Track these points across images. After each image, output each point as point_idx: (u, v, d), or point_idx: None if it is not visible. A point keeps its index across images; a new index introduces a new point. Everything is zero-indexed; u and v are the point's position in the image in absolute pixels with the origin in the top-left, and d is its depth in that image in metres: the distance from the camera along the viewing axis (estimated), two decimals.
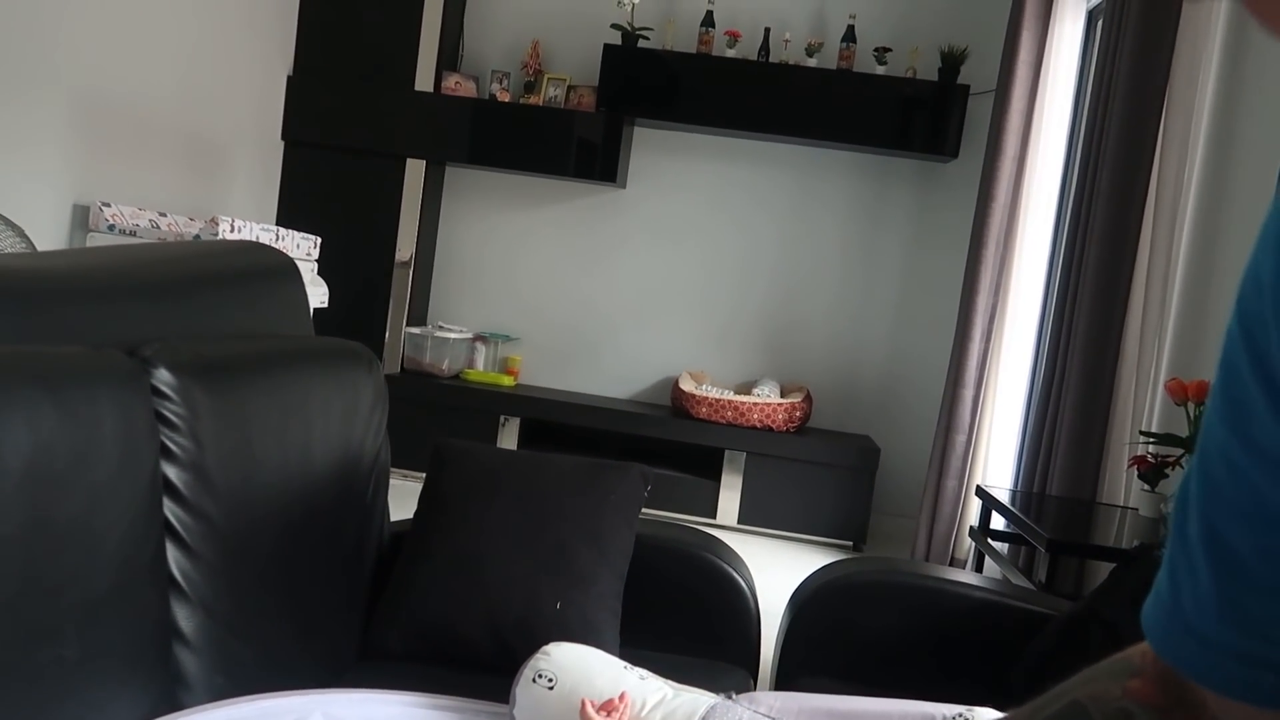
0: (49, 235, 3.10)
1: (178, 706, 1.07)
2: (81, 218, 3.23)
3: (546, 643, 1.26)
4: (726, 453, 4.13)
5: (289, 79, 4.39)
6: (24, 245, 2.55)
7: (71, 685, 0.91)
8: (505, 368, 4.63)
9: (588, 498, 1.59)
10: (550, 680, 1.16)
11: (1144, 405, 2.73)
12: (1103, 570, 2.45)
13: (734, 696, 1.21)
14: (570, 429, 4.37)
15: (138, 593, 1.01)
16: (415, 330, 4.46)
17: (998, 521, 2.75)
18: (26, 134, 2.98)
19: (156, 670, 1.05)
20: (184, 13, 3.64)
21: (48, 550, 0.89)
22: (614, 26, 4.32)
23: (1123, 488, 2.76)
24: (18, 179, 2.97)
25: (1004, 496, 2.72)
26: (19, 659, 0.86)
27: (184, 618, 1.10)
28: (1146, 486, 2.39)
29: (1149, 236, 2.76)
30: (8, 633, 0.85)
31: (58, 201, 3.16)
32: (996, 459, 3.65)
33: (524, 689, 1.16)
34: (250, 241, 1.61)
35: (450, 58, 4.51)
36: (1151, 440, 2.42)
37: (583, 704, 1.08)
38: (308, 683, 1.30)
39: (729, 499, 4.14)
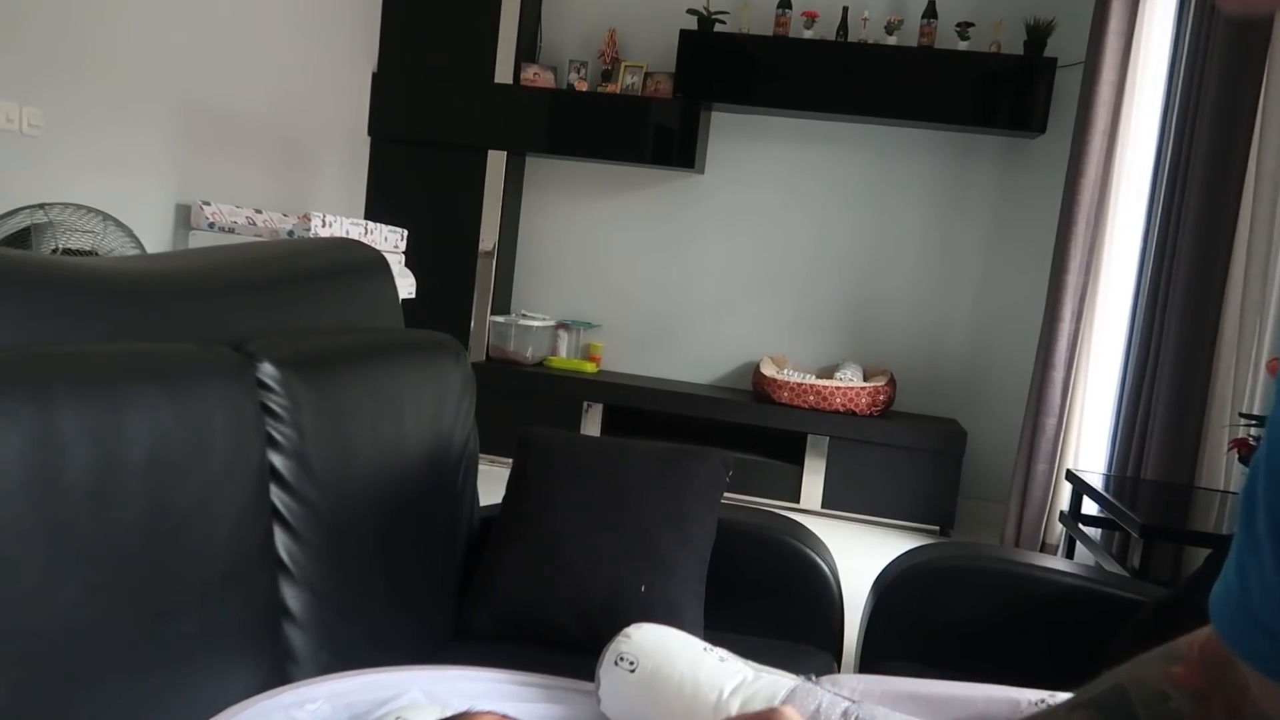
0: (155, 234, 3.26)
1: (288, 680, 1.14)
2: (184, 216, 3.39)
3: (631, 625, 1.29)
4: (809, 437, 4.12)
5: (374, 76, 4.51)
6: (134, 246, 2.70)
7: (193, 659, 0.99)
8: (587, 354, 4.69)
9: (669, 483, 1.61)
10: (631, 663, 1.19)
11: (1244, 386, 2.63)
12: (1200, 556, 2.38)
13: (815, 679, 1.23)
14: (652, 415, 4.41)
15: (249, 574, 1.08)
16: (499, 319, 4.55)
17: (1090, 506, 2.69)
18: (134, 140, 3.14)
19: (268, 646, 1.12)
20: (273, 18, 3.77)
21: (168, 536, 0.96)
22: (690, 12, 4.32)
23: (1222, 471, 2.66)
24: (126, 182, 3.14)
25: (1096, 481, 2.66)
26: (147, 635, 0.93)
27: (292, 597, 1.16)
28: (1247, 470, 2.31)
29: (1249, 209, 2.65)
30: (136, 611, 0.92)
31: (162, 202, 3.32)
32: (1088, 442, 3.55)
33: (607, 671, 1.20)
34: (343, 239, 1.68)
35: (528, 49, 4.57)
36: (1253, 422, 2.33)
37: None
38: (406, 659, 1.36)
39: (812, 483, 4.13)
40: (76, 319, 1.02)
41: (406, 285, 3.69)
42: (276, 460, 1.16)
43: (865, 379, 4.28)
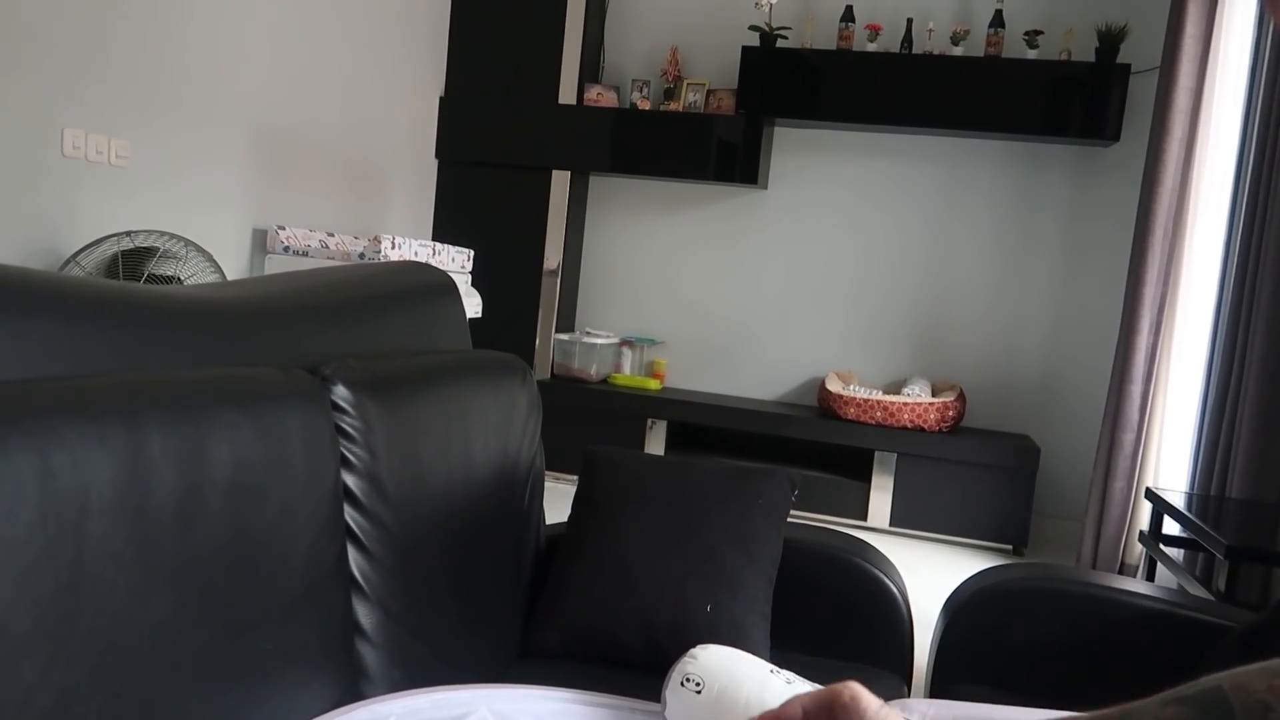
0: (233, 258, 3.38)
1: (360, 696, 1.17)
2: (260, 241, 3.51)
3: (696, 645, 1.29)
4: (876, 454, 4.06)
5: (441, 100, 4.61)
6: (214, 270, 2.80)
7: (272, 674, 1.02)
8: (651, 371, 4.71)
9: (735, 503, 1.61)
10: (698, 684, 1.19)
11: None
12: None
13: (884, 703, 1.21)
14: (717, 431, 4.40)
15: (324, 593, 1.11)
16: (564, 336, 4.59)
17: (1171, 526, 2.61)
18: (214, 169, 3.27)
19: (342, 663, 1.14)
20: (344, 45, 3.89)
21: (248, 555, 0.99)
22: (752, 28, 4.33)
23: None
24: (207, 209, 3.26)
25: (1178, 499, 2.57)
26: (228, 651, 0.96)
27: (364, 615, 1.19)
28: None
29: None
30: (219, 628, 0.95)
31: (239, 227, 3.44)
32: (1169, 459, 3.44)
33: (673, 692, 1.20)
34: (413, 262, 1.71)
35: (592, 70, 4.63)
36: None
37: None
38: (475, 677, 1.38)
39: (880, 501, 4.07)
40: (163, 345, 1.06)
41: (473, 305, 3.75)
42: (350, 481, 1.19)
43: (934, 394, 4.21)
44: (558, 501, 1.89)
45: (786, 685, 1.19)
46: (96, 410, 0.87)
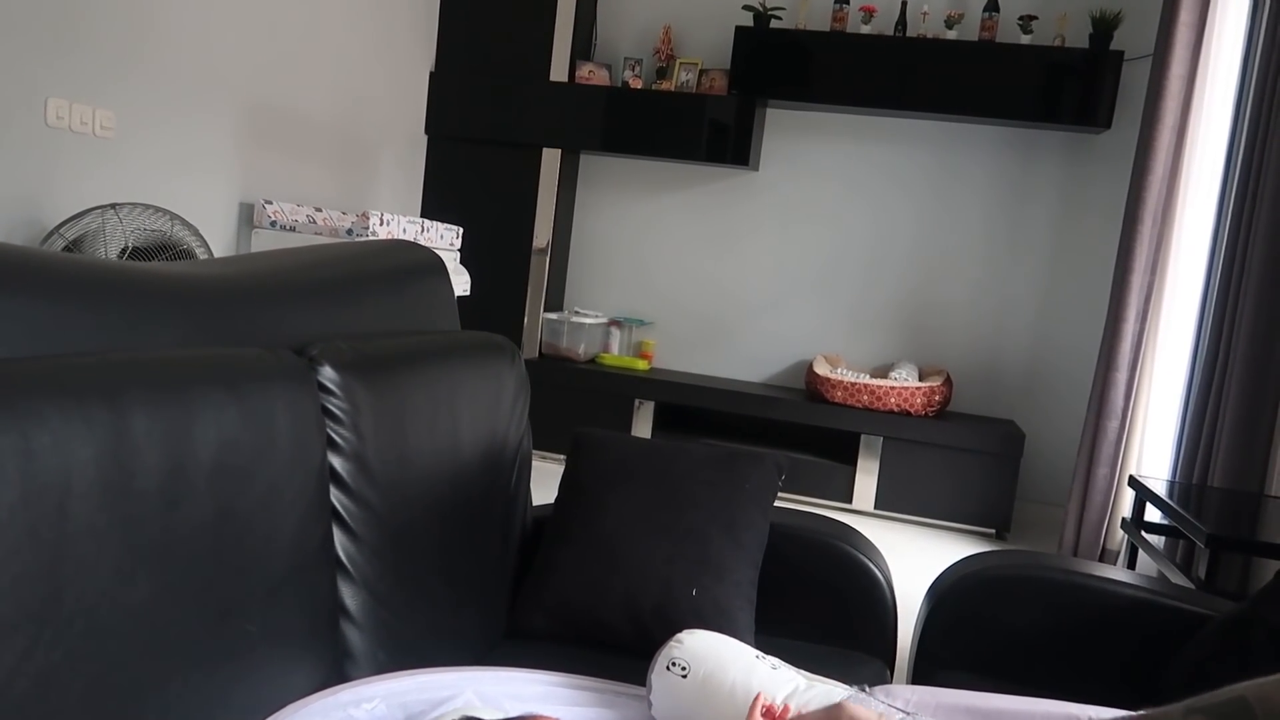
0: (220, 233, 3.35)
1: (345, 678, 1.17)
2: (247, 215, 3.47)
3: (682, 629, 1.29)
4: (863, 437, 4.08)
5: (431, 75, 4.57)
6: (200, 245, 2.77)
7: (256, 657, 1.01)
8: (639, 352, 4.70)
9: (722, 487, 1.61)
10: (684, 668, 1.19)
11: None
12: (1270, 569, 2.32)
13: (869, 689, 1.22)
14: (704, 413, 4.40)
15: (310, 574, 1.10)
16: (552, 316, 4.58)
17: (1153, 514, 2.62)
18: (201, 141, 3.23)
19: (327, 645, 1.14)
20: (334, 19, 3.84)
21: (233, 537, 0.99)
22: (746, 8, 4.30)
23: None
24: (193, 182, 3.22)
25: (1160, 487, 2.59)
26: (213, 633, 0.96)
27: (350, 597, 1.19)
28: None
29: None
30: (203, 610, 0.95)
31: (227, 201, 3.40)
32: (1152, 447, 3.46)
33: (659, 676, 1.20)
34: (401, 241, 1.70)
35: (584, 47, 4.59)
36: None
37: (756, 698, 1.12)
38: (460, 659, 1.38)
39: (865, 484, 4.09)
40: (148, 324, 1.05)
41: (461, 282, 3.73)
42: (336, 462, 1.19)
43: (921, 379, 4.22)
44: (545, 480, 1.89)
45: (772, 670, 1.20)
46: (79, 390, 0.86)
